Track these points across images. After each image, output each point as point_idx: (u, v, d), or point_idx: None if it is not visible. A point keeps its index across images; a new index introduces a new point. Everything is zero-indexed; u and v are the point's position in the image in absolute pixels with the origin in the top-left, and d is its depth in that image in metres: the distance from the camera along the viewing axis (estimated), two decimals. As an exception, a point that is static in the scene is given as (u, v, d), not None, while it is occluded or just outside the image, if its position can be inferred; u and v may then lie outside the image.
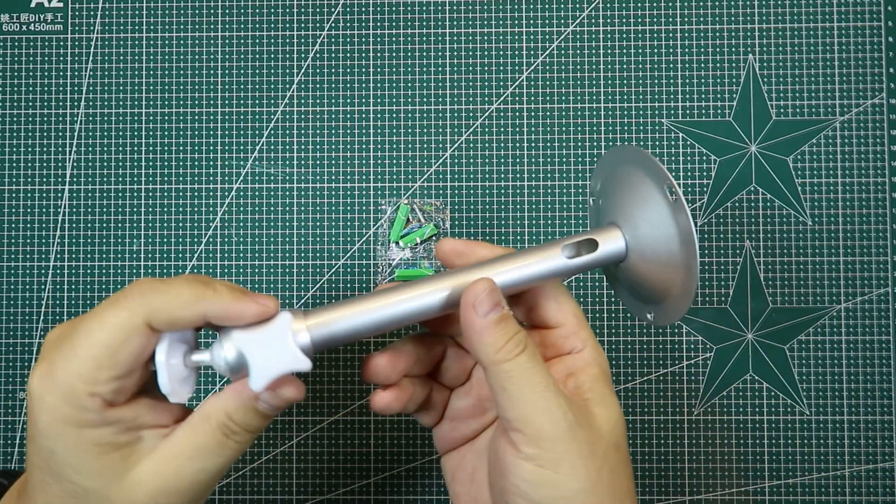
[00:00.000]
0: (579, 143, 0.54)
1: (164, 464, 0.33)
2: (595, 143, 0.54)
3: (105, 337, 0.31)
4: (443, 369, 0.39)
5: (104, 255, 0.54)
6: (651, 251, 0.36)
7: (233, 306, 0.32)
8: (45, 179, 0.55)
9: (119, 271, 0.54)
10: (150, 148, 0.55)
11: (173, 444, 0.33)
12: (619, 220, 0.37)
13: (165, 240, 0.54)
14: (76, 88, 0.55)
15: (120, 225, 0.54)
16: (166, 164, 0.55)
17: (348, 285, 0.54)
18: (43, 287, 0.54)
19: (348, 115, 0.55)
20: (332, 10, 0.55)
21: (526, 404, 0.33)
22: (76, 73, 0.55)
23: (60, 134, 0.55)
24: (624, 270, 0.38)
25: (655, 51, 0.54)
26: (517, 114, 0.54)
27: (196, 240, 0.54)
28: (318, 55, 0.55)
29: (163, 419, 0.34)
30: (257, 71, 0.55)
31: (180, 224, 0.54)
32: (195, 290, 0.32)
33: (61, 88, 0.55)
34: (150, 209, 0.54)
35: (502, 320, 0.34)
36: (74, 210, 0.54)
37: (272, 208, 0.54)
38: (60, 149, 0.55)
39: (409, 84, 0.55)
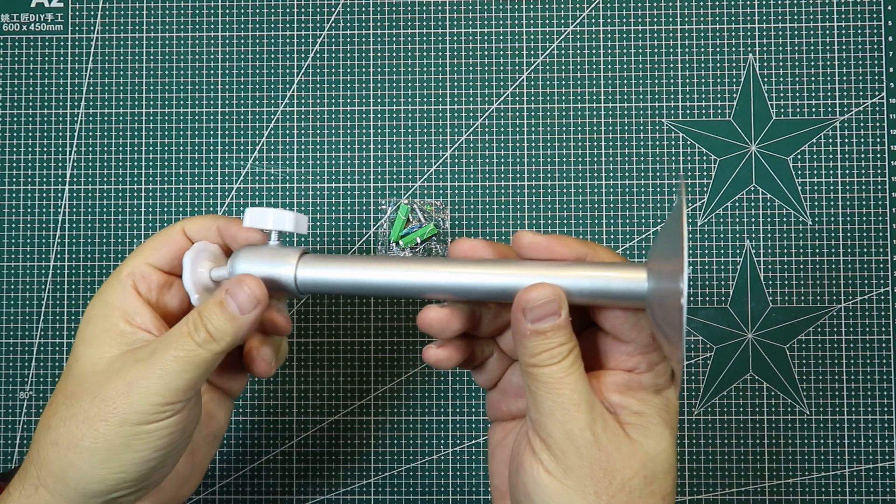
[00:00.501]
0: (579, 143, 0.54)
1: (135, 350, 0.36)
2: (595, 143, 0.54)
3: (156, 235, 0.39)
4: (506, 337, 0.39)
5: (104, 255, 0.54)
6: (660, 313, 0.33)
7: (229, 224, 0.39)
8: (45, 179, 0.55)
9: (119, 271, 0.54)
10: (150, 148, 0.55)
11: (156, 342, 0.36)
12: (651, 268, 0.35)
13: (165, 240, 0.54)
14: (76, 88, 0.55)
15: (120, 225, 0.54)
16: (166, 164, 0.55)
17: (348, 285, 0.54)
18: (43, 287, 0.54)
19: (348, 115, 0.55)
20: (332, 10, 0.55)
21: (546, 411, 0.33)
22: (76, 73, 0.55)
23: (60, 134, 0.55)
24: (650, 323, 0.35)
25: (655, 51, 0.54)
26: (517, 114, 0.54)
27: (196, 240, 0.54)
28: (318, 55, 0.55)
29: (157, 332, 0.37)
30: (257, 71, 0.55)
31: (180, 224, 0.54)
32: (215, 216, 0.40)
33: (61, 88, 0.55)
34: (150, 209, 0.54)
35: (551, 330, 0.34)
36: (74, 210, 0.54)
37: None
38: (60, 149, 0.55)
39: (409, 84, 0.55)
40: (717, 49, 0.54)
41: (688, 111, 0.54)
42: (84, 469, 0.34)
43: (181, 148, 0.55)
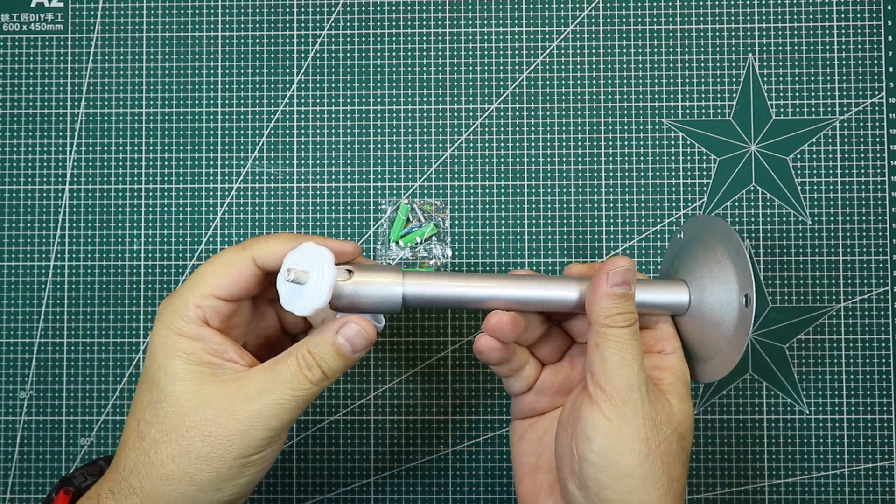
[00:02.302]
0: (579, 143, 0.54)
1: (237, 385, 0.37)
2: (595, 143, 0.54)
3: (220, 261, 0.39)
4: (542, 345, 0.45)
5: (104, 255, 0.54)
6: (710, 315, 0.42)
7: (341, 245, 0.40)
8: (45, 179, 0.55)
9: (119, 271, 0.54)
10: (150, 148, 0.55)
11: (253, 371, 0.38)
12: (690, 282, 0.43)
13: (165, 240, 0.54)
14: (76, 88, 0.55)
15: (120, 225, 0.54)
16: (166, 164, 0.55)
17: (348, 285, 0.54)
18: (43, 287, 0.54)
19: (348, 115, 0.55)
20: (332, 10, 0.55)
21: (613, 366, 0.39)
22: (76, 73, 0.55)
23: (60, 134, 0.55)
24: (680, 324, 0.44)
25: (655, 51, 0.54)
26: (517, 114, 0.54)
27: (196, 240, 0.54)
28: (318, 55, 0.55)
29: (244, 361, 0.39)
30: (257, 71, 0.55)
31: (180, 224, 0.54)
32: (287, 237, 0.40)
33: (61, 88, 0.55)
34: (150, 209, 0.54)
35: (623, 296, 0.39)
36: (74, 210, 0.54)
37: (272, 208, 0.54)
38: (60, 149, 0.55)
39: (409, 84, 0.55)
40: (717, 49, 0.54)
41: (688, 111, 0.54)
42: (198, 497, 0.37)
43: (181, 148, 0.55)
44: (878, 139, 0.54)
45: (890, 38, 0.54)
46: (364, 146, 0.55)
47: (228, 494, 0.38)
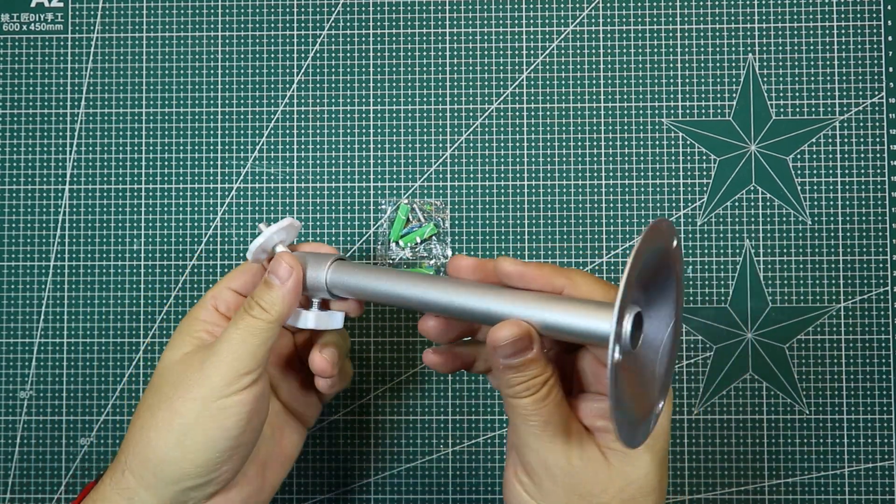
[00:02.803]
0: (579, 143, 0.54)
1: (216, 342, 0.40)
2: (595, 143, 0.54)
3: (241, 266, 0.45)
4: None
5: (104, 255, 0.54)
6: (643, 361, 0.35)
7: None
8: (45, 179, 0.55)
9: (119, 271, 0.54)
10: (150, 148, 0.55)
11: (222, 334, 0.41)
12: (643, 309, 0.35)
13: (165, 240, 0.54)
14: (76, 88, 0.55)
15: (120, 225, 0.54)
16: (166, 164, 0.55)
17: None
18: (43, 287, 0.54)
19: (348, 115, 0.55)
20: (332, 10, 0.55)
21: (523, 440, 0.35)
22: (76, 73, 0.55)
23: (60, 134, 0.55)
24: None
25: (655, 51, 0.54)
26: (517, 114, 0.54)
27: (196, 240, 0.54)
28: (318, 55, 0.55)
29: None
30: (257, 71, 0.55)
31: (180, 224, 0.54)
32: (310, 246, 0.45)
33: (61, 88, 0.55)
34: (150, 209, 0.54)
35: (521, 364, 0.34)
36: (74, 210, 0.54)
37: (272, 208, 0.54)
38: (60, 149, 0.55)
39: (409, 84, 0.55)
40: (717, 49, 0.54)
41: (688, 111, 0.54)
42: (161, 448, 0.38)
43: (181, 148, 0.55)
44: (878, 139, 0.54)
45: (890, 38, 0.54)
46: (364, 146, 0.55)
47: (189, 452, 0.38)
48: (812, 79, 0.54)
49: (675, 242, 0.35)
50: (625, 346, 0.33)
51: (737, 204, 0.54)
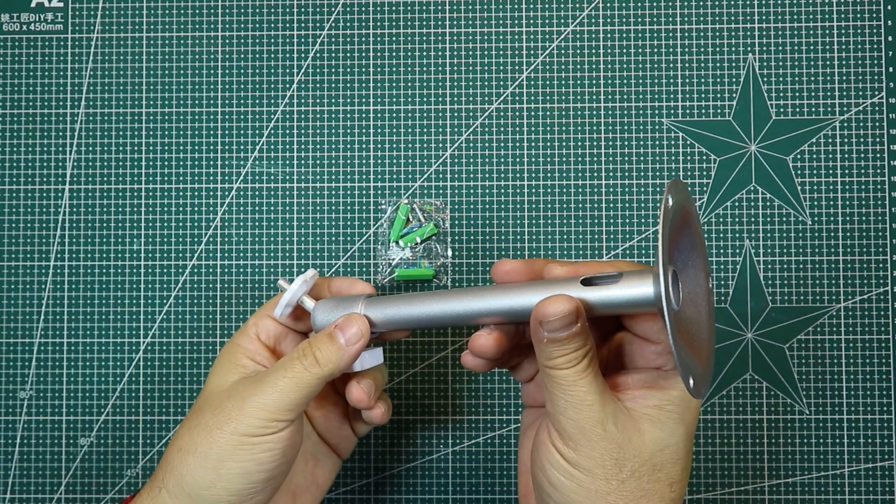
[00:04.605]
0: (579, 143, 0.54)
1: (262, 379, 0.40)
2: (595, 143, 0.54)
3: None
4: None
5: (104, 255, 0.54)
6: (687, 316, 0.37)
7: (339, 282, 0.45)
8: (45, 179, 0.55)
9: (119, 271, 0.54)
10: (150, 148, 0.55)
11: (270, 368, 0.42)
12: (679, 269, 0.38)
13: (165, 240, 0.54)
14: (76, 88, 0.55)
15: (120, 225, 0.54)
16: (166, 164, 0.55)
17: (348, 285, 0.54)
18: (43, 287, 0.54)
19: (348, 115, 0.55)
20: (332, 10, 0.55)
21: (560, 409, 0.37)
22: (76, 73, 0.55)
23: (60, 134, 0.55)
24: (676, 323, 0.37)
25: (655, 51, 0.54)
26: (517, 114, 0.54)
27: (196, 240, 0.54)
28: (318, 55, 0.55)
29: None
30: (257, 71, 0.55)
31: (180, 224, 0.54)
32: (348, 281, 0.46)
33: (61, 88, 0.55)
34: (150, 209, 0.54)
35: (566, 338, 0.37)
36: (74, 210, 0.54)
37: (272, 208, 0.54)
38: (60, 149, 0.55)
39: (409, 84, 0.55)
40: (717, 49, 0.54)
41: (688, 111, 0.54)
42: (197, 472, 0.39)
43: (181, 148, 0.55)
44: (878, 139, 0.54)
45: (890, 38, 0.54)
46: (364, 146, 0.55)
47: (224, 478, 0.39)
48: (812, 79, 0.54)
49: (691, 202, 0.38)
50: (670, 303, 0.35)
51: (737, 204, 0.54)
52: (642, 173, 0.54)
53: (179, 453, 0.40)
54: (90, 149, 0.55)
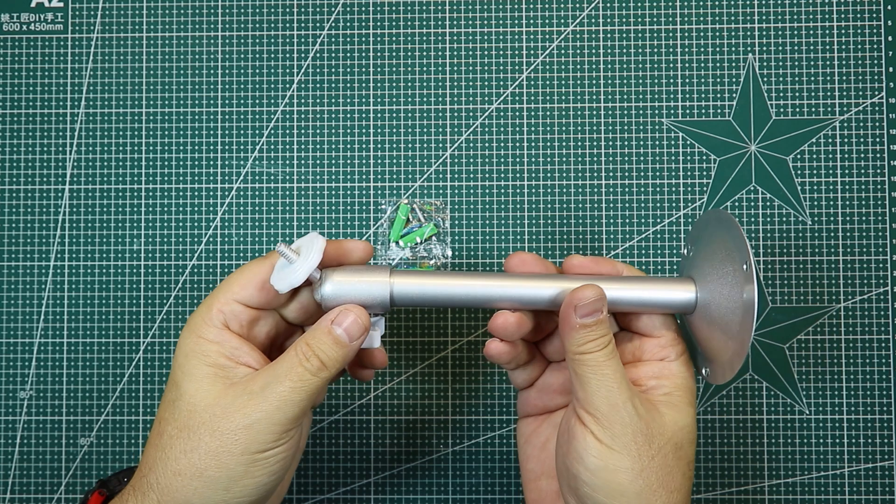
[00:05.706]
0: (579, 143, 0.54)
1: (244, 384, 0.38)
2: (595, 143, 0.54)
3: (245, 269, 0.40)
4: (548, 343, 0.45)
5: (104, 255, 0.54)
6: (716, 314, 0.41)
7: (338, 245, 0.42)
8: (45, 179, 0.55)
9: (119, 271, 0.54)
10: (150, 148, 0.55)
11: (260, 370, 0.39)
12: (696, 277, 0.42)
13: (165, 240, 0.54)
14: (76, 88, 0.55)
15: (120, 225, 0.54)
16: (166, 164, 0.55)
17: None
18: (43, 287, 0.54)
19: (348, 115, 0.55)
20: (332, 10, 0.55)
21: (592, 389, 0.39)
22: (76, 73, 0.55)
23: (60, 134, 0.55)
24: (690, 323, 0.43)
25: (655, 51, 0.55)
26: (517, 114, 0.55)
27: (196, 240, 0.54)
28: (318, 55, 0.55)
29: (258, 366, 0.40)
30: (257, 71, 0.55)
31: (180, 224, 0.54)
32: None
33: (61, 88, 0.55)
34: (150, 209, 0.54)
35: (594, 324, 0.39)
36: (74, 210, 0.54)
37: (272, 208, 0.54)
38: (60, 149, 0.55)
39: (409, 84, 0.55)
40: (717, 49, 0.54)
41: (688, 111, 0.54)
42: (208, 495, 0.37)
43: (181, 148, 0.55)
44: (878, 139, 0.54)
45: (890, 38, 0.54)
46: (364, 146, 0.55)
47: (238, 496, 0.38)
48: (812, 79, 0.54)
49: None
50: (682, 307, 0.42)
51: (737, 204, 0.54)
52: (642, 173, 0.54)
53: (180, 477, 0.37)
54: (90, 149, 0.55)
